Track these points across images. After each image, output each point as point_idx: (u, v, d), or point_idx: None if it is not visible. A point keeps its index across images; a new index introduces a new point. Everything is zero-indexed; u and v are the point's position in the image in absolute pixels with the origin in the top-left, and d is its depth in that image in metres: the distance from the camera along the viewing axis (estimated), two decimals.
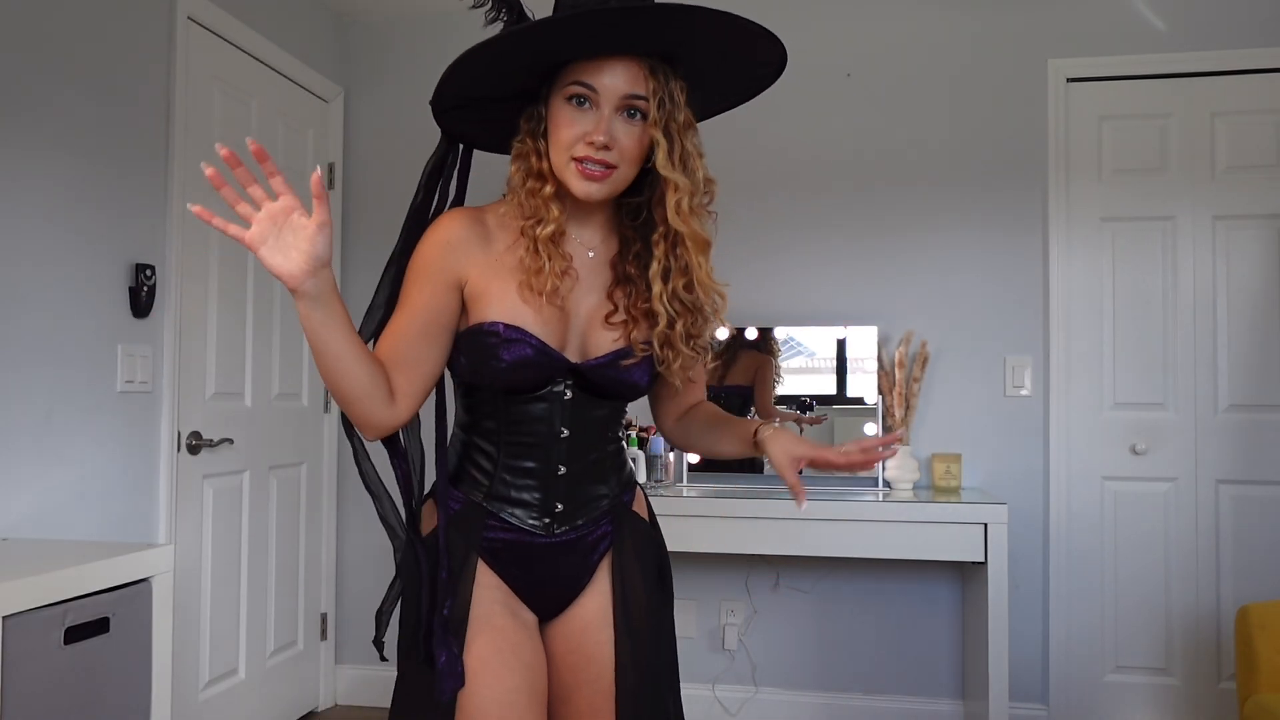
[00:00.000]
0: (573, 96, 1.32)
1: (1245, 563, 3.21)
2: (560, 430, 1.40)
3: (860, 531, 2.95)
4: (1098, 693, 3.30)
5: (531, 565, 1.42)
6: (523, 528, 1.41)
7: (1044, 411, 3.33)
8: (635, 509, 1.53)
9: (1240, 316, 3.26)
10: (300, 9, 3.46)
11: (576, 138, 1.31)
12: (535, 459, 1.41)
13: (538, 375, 1.37)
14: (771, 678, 3.45)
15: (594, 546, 1.46)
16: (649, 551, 1.51)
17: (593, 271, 1.42)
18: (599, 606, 1.44)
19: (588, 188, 1.33)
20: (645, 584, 1.47)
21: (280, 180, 1.18)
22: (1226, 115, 3.29)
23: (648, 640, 1.44)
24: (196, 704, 2.89)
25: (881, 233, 3.44)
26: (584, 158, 1.31)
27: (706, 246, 1.37)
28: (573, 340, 1.40)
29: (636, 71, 1.31)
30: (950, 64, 3.43)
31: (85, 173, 2.47)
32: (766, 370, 3.40)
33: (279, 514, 3.32)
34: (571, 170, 1.32)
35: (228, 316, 3.04)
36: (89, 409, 2.48)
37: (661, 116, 1.31)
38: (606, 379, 1.40)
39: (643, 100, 1.31)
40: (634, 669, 1.41)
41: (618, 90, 1.31)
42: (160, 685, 2.00)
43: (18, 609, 1.65)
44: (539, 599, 1.45)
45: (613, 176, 1.33)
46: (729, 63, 1.38)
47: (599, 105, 1.31)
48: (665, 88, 1.32)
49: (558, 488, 1.42)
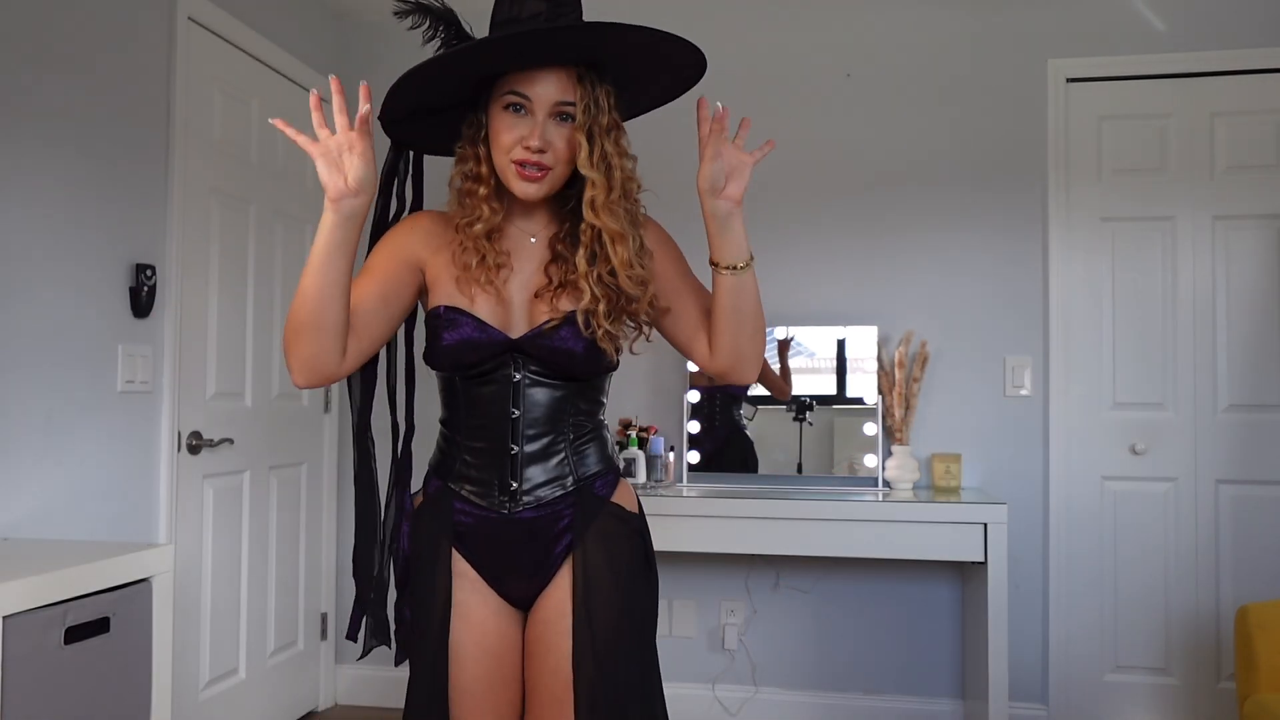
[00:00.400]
0: (509, 105, 1.44)
1: (1245, 563, 3.22)
2: (511, 411, 1.50)
3: (860, 531, 2.95)
4: (1098, 693, 3.30)
5: (496, 547, 1.52)
6: (482, 504, 1.51)
7: (1044, 411, 3.33)
8: (616, 499, 1.57)
9: (1240, 316, 3.26)
10: (300, 9, 3.46)
11: (514, 142, 1.44)
12: (489, 439, 1.51)
13: (480, 354, 1.48)
14: (771, 678, 3.45)
15: (557, 537, 1.52)
16: (622, 542, 1.54)
17: (533, 254, 1.54)
18: (561, 598, 1.51)
19: (526, 188, 1.46)
20: (612, 572, 1.50)
21: (360, 118, 1.32)
22: (1226, 115, 3.29)
23: (610, 630, 1.48)
24: (196, 704, 2.89)
25: (881, 233, 3.44)
26: (522, 160, 1.44)
27: (623, 238, 1.45)
28: (515, 321, 1.51)
29: (566, 80, 1.44)
30: (950, 64, 3.43)
31: (85, 173, 2.47)
32: (782, 347, 3.41)
33: (279, 514, 3.32)
34: (512, 172, 1.46)
35: (228, 316, 3.04)
36: (89, 409, 2.48)
37: (586, 120, 1.43)
38: (543, 349, 1.48)
39: (572, 106, 1.44)
40: (593, 659, 1.45)
41: (550, 98, 1.43)
42: (160, 685, 2.00)
43: (18, 609, 1.66)
44: (508, 587, 1.53)
45: (549, 177, 1.46)
46: (651, 67, 1.50)
47: (533, 112, 1.44)
48: (591, 94, 1.44)
49: (511, 466, 1.51)
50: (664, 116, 1.73)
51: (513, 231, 1.54)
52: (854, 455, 3.35)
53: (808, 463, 3.38)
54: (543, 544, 1.51)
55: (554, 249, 1.53)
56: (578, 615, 1.48)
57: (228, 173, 3.05)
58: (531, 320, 1.51)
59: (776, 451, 3.41)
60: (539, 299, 1.51)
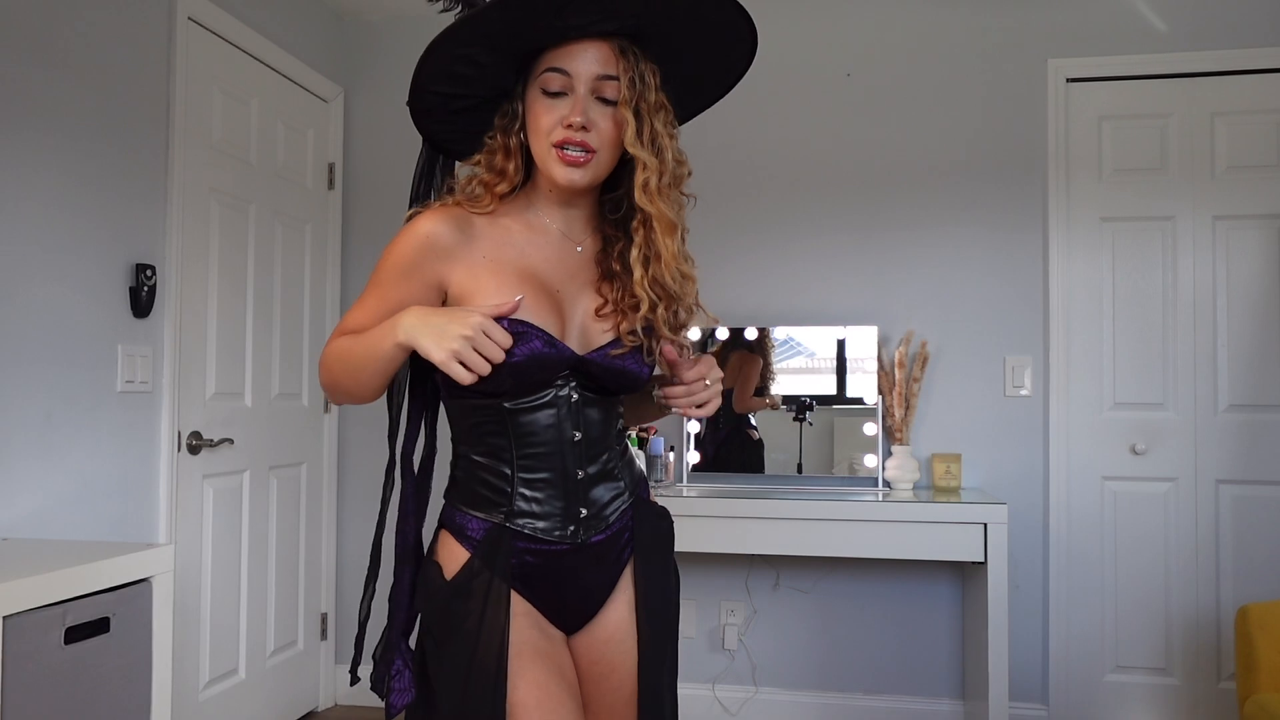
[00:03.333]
0: (547, 88, 1.34)
1: (1245, 563, 3.21)
2: (573, 434, 1.38)
3: (860, 531, 2.95)
4: (1098, 693, 3.30)
5: (561, 581, 1.40)
6: (549, 540, 1.38)
7: (1044, 411, 3.33)
8: (652, 498, 1.54)
9: (1240, 316, 3.26)
10: (300, 9, 3.46)
11: (555, 123, 1.33)
12: (552, 468, 1.38)
13: (547, 372, 1.35)
14: (771, 678, 3.45)
15: (620, 553, 1.44)
16: (665, 541, 1.50)
17: (581, 268, 1.43)
18: (622, 616, 1.43)
19: (570, 174, 1.34)
20: (664, 575, 1.47)
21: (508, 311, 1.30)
22: (1226, 115, 3.29)
23: (666, 636, 1.45)
24: (196, 704, 2.89)
25: (881, 233, 3.44)
26: (564, 141, 1.32)
27: (673, 229, 1.37)
28: (571, 335, 1.39)
29: (607, 53, 1.33)
30: (950, 64, 3.43)
31: (85, 173, 2.47)
32: (751, 368, 3.40)
33: (279, 514, 3.32)
34: (553, 158, 1.34)
35: (228, 316, 3.04)
36: (89, 409, 2.48)
37: (632, 96, 1.33)
38: (609, 370, 1.38)
39: (614, 80, 1.33)
40: (658, 664, 1.42)
41: (590, 72, 1.33)
42: (160, 685, 2.00)
43: (18, 609, 1.65)
44: (565, 615, 1.43)
45: (593, 161, 1.34)
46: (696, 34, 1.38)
47: (574, 89, 1.33)
48: (635, 68, 1.33)
49: (579, 493, 1.39)
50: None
51: (555, 238, 1.42)
52: (854, 455, 3.35)
53: (808, 463, 3.38)
54: (608, 566, 1.43)
55: (603, 266, 1.43)
56: (642, 628, 1.41)
57: (228, 173, 3.05)
58: (587, 337, 1.40)
59: (777, 451, 3.41)
60: (598, 318, 1.40)
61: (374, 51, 3.70)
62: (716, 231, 3.41)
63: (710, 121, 1.47)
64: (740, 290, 3.46)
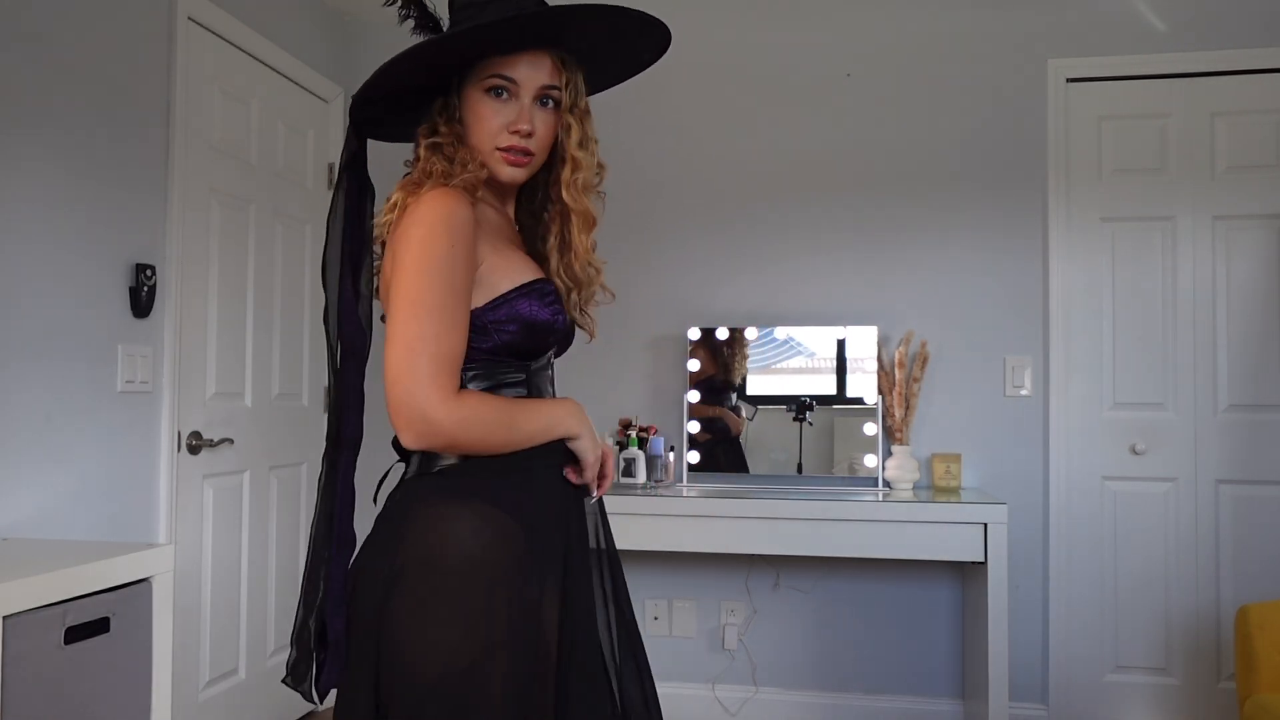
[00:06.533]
0: (491, 88, 1.40)
1: (1245, 563, 3.22)
2: (553, 393, 1.48)
3: (860, 531, 2.95)
4: (1098, 693, 3.30)
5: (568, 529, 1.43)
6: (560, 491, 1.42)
7: (1044, 411, 3.33)
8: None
9: (1240, 316, 3.26)
10: (300, 9, 3.46)
11: (501, 127, 1.39)
12: None
13: (568, 336, 1.47)
14: (771, 678, 3.45)
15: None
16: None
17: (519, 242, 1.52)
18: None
19: (514, 172, 1.42)
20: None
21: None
22: (1226, 115, 3.29)
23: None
24: (196, 704, 2.89)
25: (881, 233, 3.44)
26: (510, 146, 1.40)
27: (593, 224, 1.47)
28: None
29: (550, 64, 1.41)
30: (950, 64, 3.43)
31: (85, 173, 2.47)
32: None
33: (279, 514, 3.32)
34: (497, 158, 1.41)
35: (228, 316, 3.04)
36: (89, 409, 2.48)
37: (571, 103, 1.43)
38: (571, 332, 1.50)
39: (556, 90, 1.42)
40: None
41: (536, 81, 1.40)
42: (160, 685, 2.00)
43: (18, 609, 1.66)
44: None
45: (532, 162, 1.43)
46: (617, 49, 1.49)
47: (518, 96, 1.40)
48: (573, 78, 1.43)
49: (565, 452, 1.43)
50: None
51: (507, 220, 1.50)
52: (854, 455, 3.35)
53: (808, 463, 3.38)
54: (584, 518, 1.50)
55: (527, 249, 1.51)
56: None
57: (228, 173, 3.05)
58: None
59: (777, 451, 3.41)
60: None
61: (374, 51, 3.66)
62: (716, 232, 3.40)
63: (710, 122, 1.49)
64: (740, 290, 3.46)
